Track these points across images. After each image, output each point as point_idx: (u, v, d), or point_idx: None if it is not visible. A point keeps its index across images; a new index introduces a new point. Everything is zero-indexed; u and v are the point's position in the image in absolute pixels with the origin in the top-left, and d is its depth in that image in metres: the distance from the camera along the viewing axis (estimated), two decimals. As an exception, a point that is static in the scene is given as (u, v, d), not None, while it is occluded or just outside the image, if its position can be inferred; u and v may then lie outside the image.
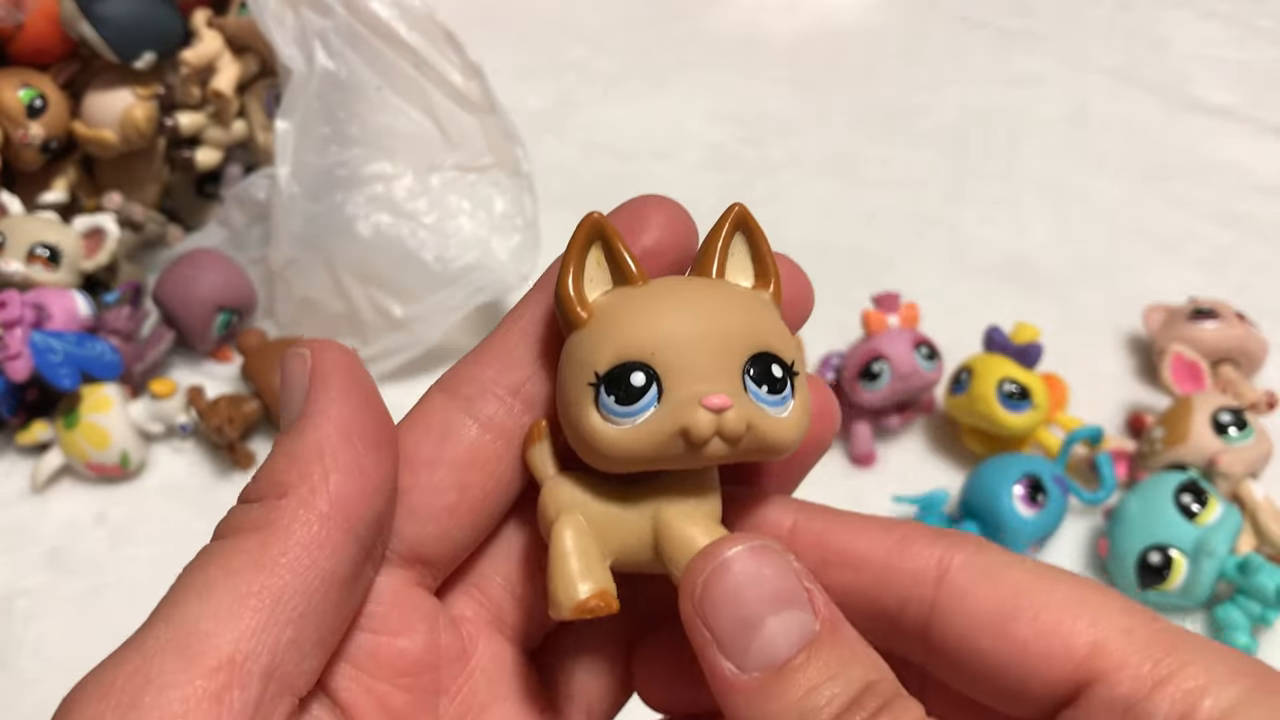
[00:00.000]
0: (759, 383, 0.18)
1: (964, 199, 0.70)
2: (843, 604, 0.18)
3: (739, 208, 0.20)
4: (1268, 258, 0.66)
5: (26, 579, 0.49)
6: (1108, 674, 0.17)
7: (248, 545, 0.17)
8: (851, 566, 0.19)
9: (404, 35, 0.54)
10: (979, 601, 0.18)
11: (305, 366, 0.18)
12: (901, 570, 0.18)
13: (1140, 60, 0.81)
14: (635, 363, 0.18)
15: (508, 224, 0.55)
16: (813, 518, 0.19)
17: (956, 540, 0.19)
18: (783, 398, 0.18)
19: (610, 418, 0.18)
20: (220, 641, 0.15)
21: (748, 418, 0.17)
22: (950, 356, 0.54)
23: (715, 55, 0.81)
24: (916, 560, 0.18)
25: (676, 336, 0.18)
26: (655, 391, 0.18)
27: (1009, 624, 0.18)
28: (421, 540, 0.19)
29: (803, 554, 0.18)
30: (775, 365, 0.18)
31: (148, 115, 0.56)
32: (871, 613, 0.19)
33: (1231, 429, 0.49)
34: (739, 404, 0.17)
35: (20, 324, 0.49)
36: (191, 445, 0.54)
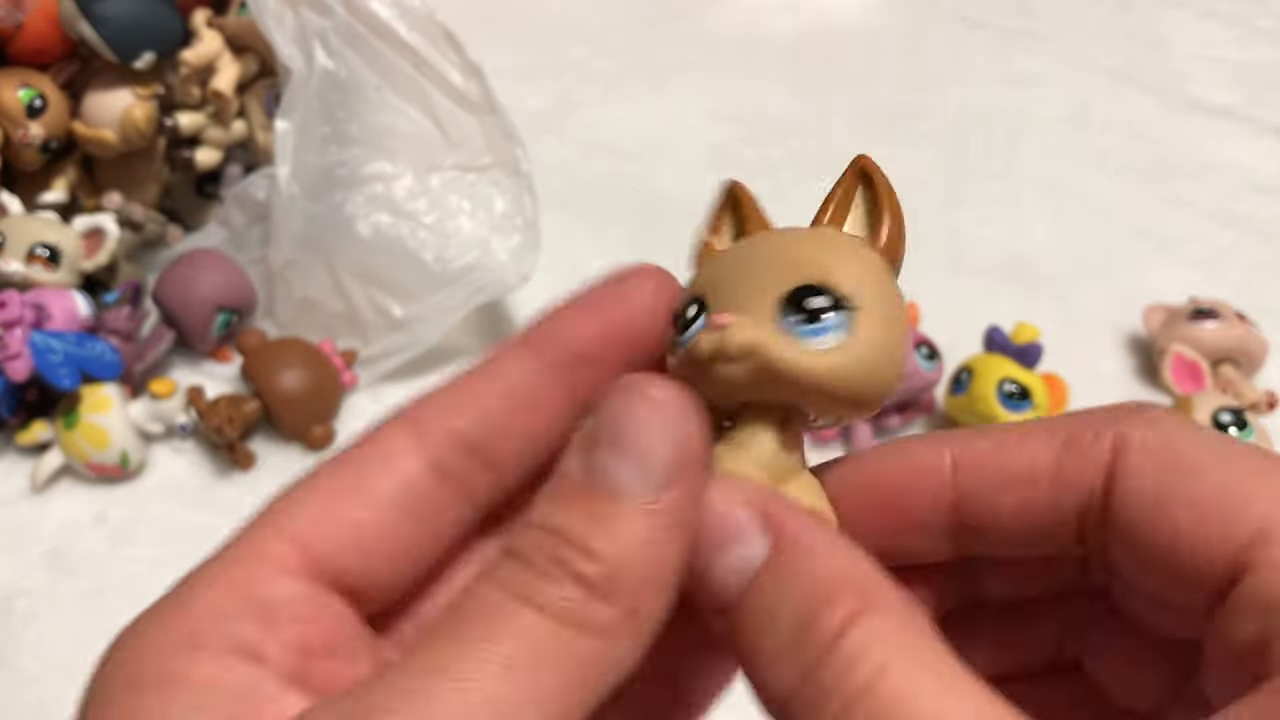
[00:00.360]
0: (793, 311, 0.17)
1: (964, 199, 0.70)
2: (1024, 522, 0.17)
3: (863, 159, 0.19)
4: (1268, 258, 0.66)
5: (26, 579, 0.49)
6: (1262, 565, 0.15)
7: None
8: (1022, 481, 0.17)
9: (404, 35, 0.54)
10: (1144, 484, 0.16)
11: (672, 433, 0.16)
12: (1076, 471, 0.17)
13: (1140, 60, 0.81)
14: (694, 296, 0.18)
15: (508, 224, 0.55)
16: (973, 444, 0.18)
17: (1129, 418, 0.17)
18: (820, 328, 0.17)
19: (672, 348, 0.18)
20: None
21: (755, 340, 0.17)
22: (950, 356, 0.54)
23: (715, 55, 0.81)
24: (1088, 456, 0.17)
25: (739, 272, 0.18)
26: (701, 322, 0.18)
27: (1168, 509, 0.16)
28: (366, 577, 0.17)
29: (972, 484, 0.17)
30: (820, 296, 0.17)
31: (147, 115, 0.56)
32: (1058, 520, 0.17)
33: (1232, 429, 0.49)
34: (746, 326, 0.17)
35: (20, 324, 0.49)
36: (191, 445, 0.54)
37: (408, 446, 0.18)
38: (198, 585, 0.16)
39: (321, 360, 0.54)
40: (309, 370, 0.53)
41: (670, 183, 0.70)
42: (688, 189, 0.73)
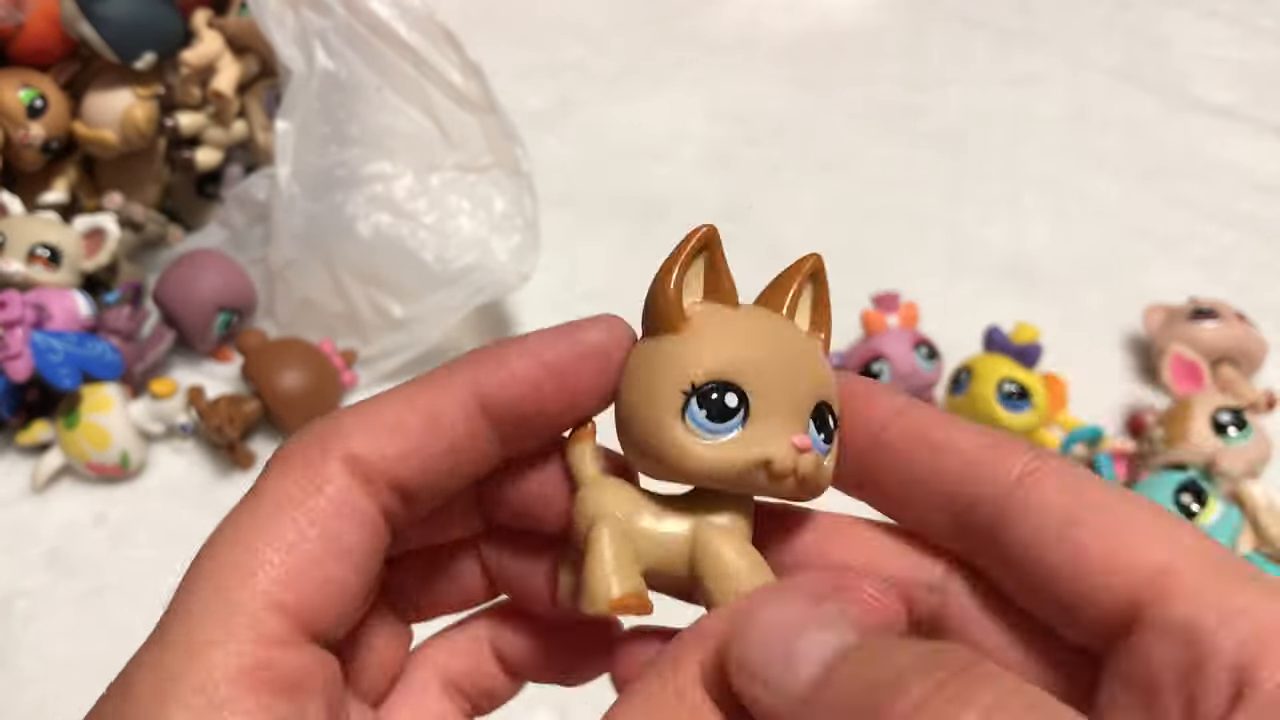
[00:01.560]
0: (819, 429, 0.19)
1: (964, 199, 0.70)
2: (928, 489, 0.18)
3: (815, 258, 0.20)
4: (1268, 258, 0.66)
5: (26, 579, 0.49)
6: (1174, 595, 0.16)
7: None
8: (943, 451, 0.19)
9: (404, 35, 0.54)
10: (1051, 507, 0.17)
11: None
12: (988, 465, 0.18)
13: (1141, 60, 0.81)
14: (731, 383, 0.18)
15: (507, 224, 0.55)
16: (919, 409, 0.19)
17: (1050, 455, 0.18)
18: (829, 445, 0.19)
19: (696, 432, 0.18)
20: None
21: (823, 469, 0.19)
22: (950, 356, 0.54)
23: (715, 55, 0.81)
24: (1005, 460, 0.18)
25: (770, 368, 0.18)
26: (743, 415, 0.18)
27: (1077, 531, 0.17)
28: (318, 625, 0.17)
29: (900, 440, 0.19)
30: (830, 416, 0.19)
31: (148, 115, 0.56)
32: (950, 503, 0.19)
33: (1231, 429, 0.49)
34: (814, 458, 0.18)
35: (21, 324, 0.49)
36: (192, 445, 0.54)
37: (360, 494, 0.18)
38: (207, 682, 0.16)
39: (321, 360, 0.54)
40: (309, 370, 0.53)
41: (670, 183, 0.70)
42: (688, 189, 0.73)
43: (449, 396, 0.18)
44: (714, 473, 0.18)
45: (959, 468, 0.19)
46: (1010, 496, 0.18)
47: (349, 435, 0.18)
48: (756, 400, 0.18)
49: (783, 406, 0.18)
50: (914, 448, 0.19)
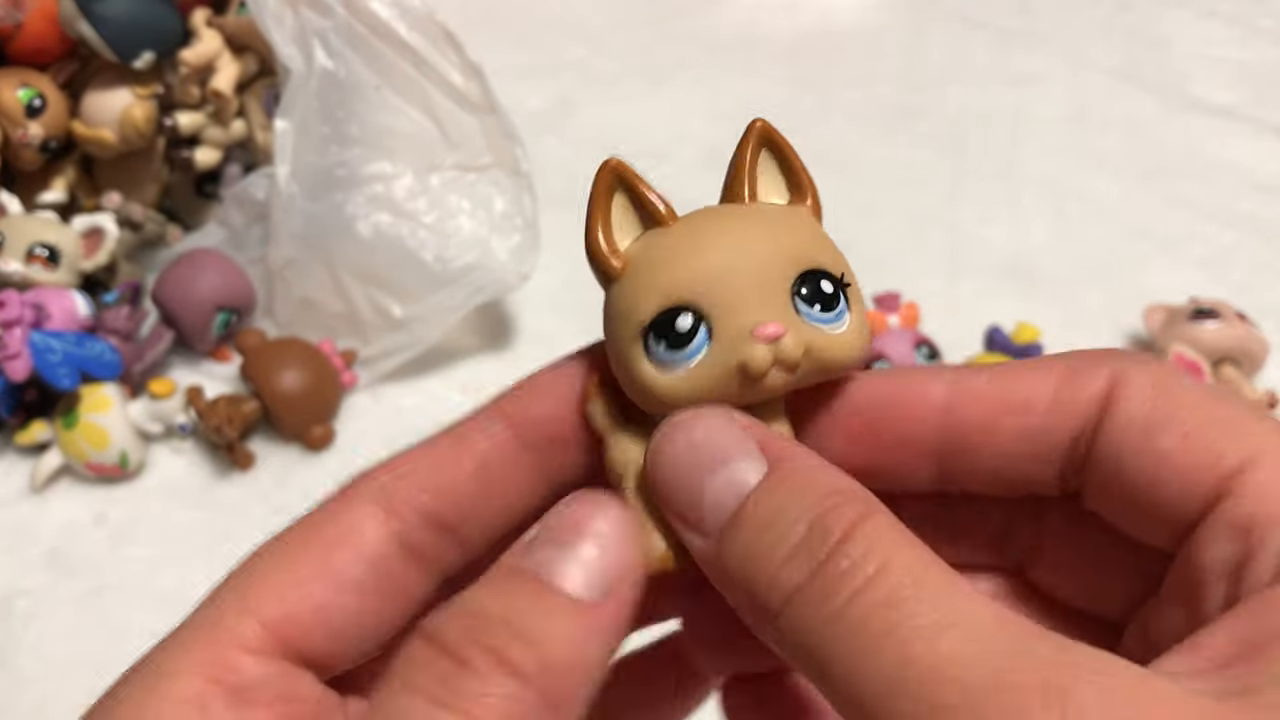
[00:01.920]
0: (811, 302, 0.17)
1: (964, 199, 0.70)
2: (1018, 450, 0.17)
3: (760, 123, 0.19)
4: (1268, 257, 0.66)
5: (26, 579, 0.49)
6: (1241, 492, 0.15)
7: None
8: (1019, 410, 0.18)
9: (404, 35, 0.54)
10: (1133, 413, 0.17)
11: None
12: (1072, 400, 0.17)
13: (1141, 60, 0.81)
14: (679, 306, 0.17)
15: (507, 224, 0.55)
16: (971, 375, 0.18)
17: (1127, 358, 0.17)
18: (837, 313, 0.18)
19: (663, 365, 0.17)
20: None
21: (805, 341, 0.17)
22: (950, 356, 0.54)
23: (715, 55, 0.81)
24: (1086, 386, 0.17)
25: (717, 270, 0.17)
26: (705, 332, 0.17)
27: (1157, 435, 0.16)
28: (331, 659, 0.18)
29: (967, 411, 0.18)
30: (825, 281, 0.17)
31: (147, 115, 0.56)
32: (1048, 451, 0.18)
33: (1232, 429, 0.49)
34: (793, 329, 0.17)
35: (19, 324, 0.49)
36: (191, 445, 0.54)
37: (376, 522, 0.18)
38: (167, 670, 0.16)
39: (321, 360, 0.54)
40: (308, 370, 0.53)
41: (670, 183, 0.69)
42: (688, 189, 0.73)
43: (481, 424, 0.18)
44: (694, 396, 0.17)
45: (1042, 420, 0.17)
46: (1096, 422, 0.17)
47: (383, 467, 0.18)
48: (713, 309, 0.17)
49: (750, 303, 0.17)
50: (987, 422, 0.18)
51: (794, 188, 0.19)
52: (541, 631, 0.15)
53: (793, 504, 0.15)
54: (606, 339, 0.18)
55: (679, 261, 0.18)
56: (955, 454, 0.18)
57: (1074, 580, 0.19)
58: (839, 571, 0.14)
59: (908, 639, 0.14)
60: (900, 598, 0.14)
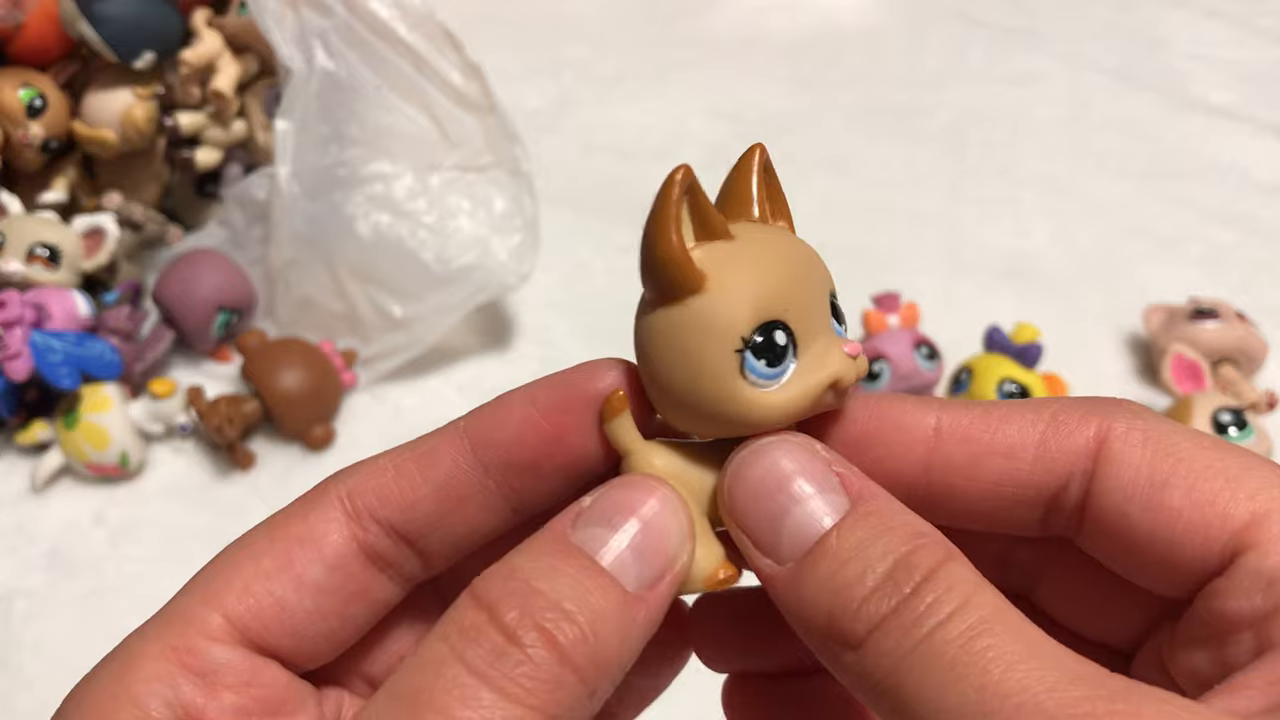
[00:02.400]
0: (840, 320, 0.19)
1: (964, 198, 0.70)
2: (1000, 493, 0.18)
3: (761, 149, 0.19)
4: (1268, 257, 0.66)
5: (26, 579, 0.49)
6: (1263, 544, 0.16)
7: None
8: (1004, 454, 0.18)
9: (404, 35, 0.54)
10: (1134, 469, 0.17)
11: None
12: (1059, 450, 0.17)
13: (1140, 60, 0.81)
14: (774, 322, 0.17)
15: (507, 224, 0.55)
16: (959, 413, 0.18)
17: (1114, 408, 0.17)
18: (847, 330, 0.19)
19: (760, 383, 0.17)
20: None
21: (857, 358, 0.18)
22: (950, 356, 0.54)
23: (715, 55, 0.81)
24: (1073, 437, 0.17)
25: (792, 288, 0.18)
26: (793, 348, 0.18)
27: (1162, 492, 0.16)
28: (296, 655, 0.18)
29: (952, 450, 0.18)
30: (836, 303, 0.19)
31: (148, 115, 0.56)
32: (1031, 497, 0.18)
33: (1232, 429, 0.49)
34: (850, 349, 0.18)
35: (20, 324, 0.49)
36: (191, 445, 0.54)
37: (339, 526, 0.18)
38: (137, 653, 0.17)
39: (321, 360, 0.54)
40: (309, 370, 0.53)
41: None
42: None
43: (445, 443, 0.19)
44: (792, 413, 0.18)
45: (1028, 465, 0.18)
46: (1093, 471, 0.17)
47: (350, 474, 0.19)
48: (796, 326, 0.18)
49: (816, 320, 0.18)
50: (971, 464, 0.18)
51: (781, 212, 0.20)
52: (595, 621, 0.15)
53: (878, 541, 0.16)
54: (677, 362, 0.18)
55: (762, 277, 0.18)
56: (937, 489, 0.18)
57: (1074, 608, 0.20)
58: (923, 606, 0.15)
59: (989, 668, 0.14)
60: (981, 631, 0.15)
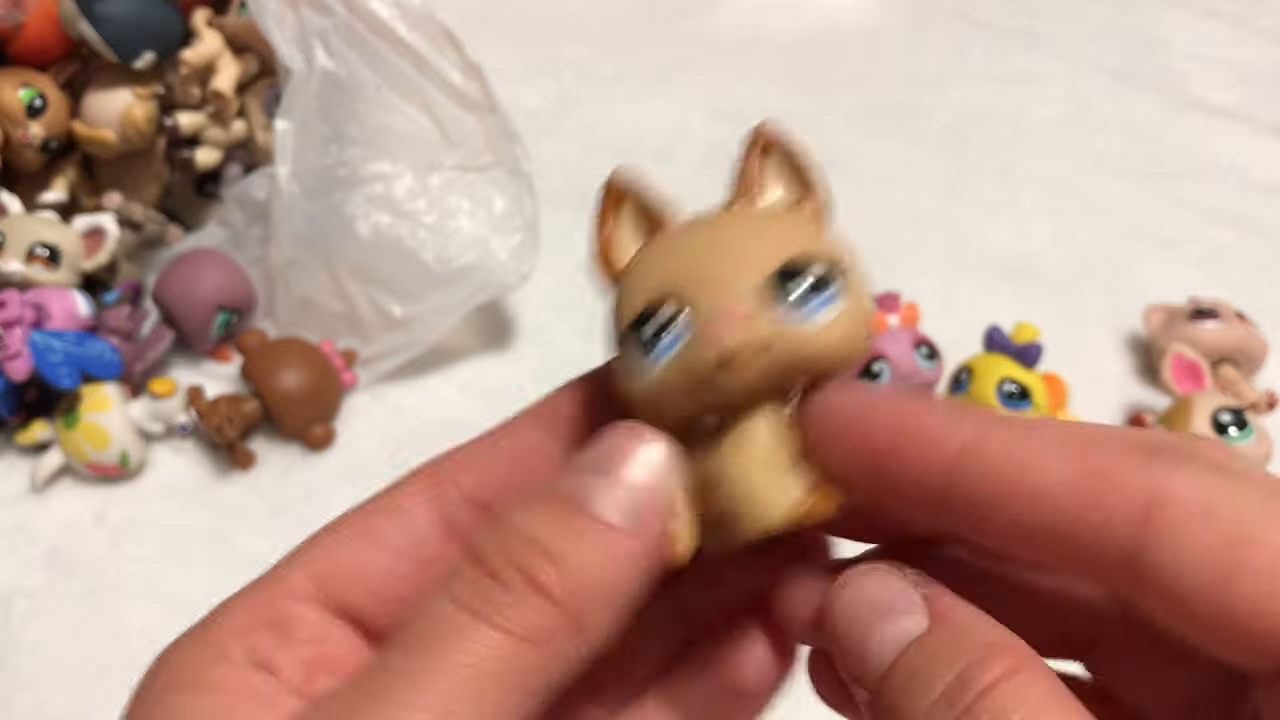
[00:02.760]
0: (789, 293, 0.17)
1: (964, 198, 0.70)
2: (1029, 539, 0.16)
3: (763, 126, 0.19)
4: (1268, 257, 0.66)
5: (26, 579, 0.49)
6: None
7: (508, 658, 0.16)
8: (1034, 504, 0.16)
9: (404, 35, 0.54)
10: (1195, 553, 0.15)
11: None
12: (1103, 506, 0.15)
13: (1140, 60, 0.81)
14: (656, 302, 0.17)
15: (507, 224, 0.55)
16: (990, 435, 0.16)
17: (1170, 461, 0.15)
18: (823, 300, 0.17)
19: (646, 359, 0.17)
20: None
21: (778, 329, 0.17)
22: (950, 356, 0.54)
23: (715, 55, 0.81)
24: (1120, 494, 0.15)
25: (693, 266, 0.17)
26: (683, 323, 0.17)
27: (1229, 586, 0.14)
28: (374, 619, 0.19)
29: (974, 486, 0.16)
30: (809, 271, 0.17)
31: (147, 115, 0.56)
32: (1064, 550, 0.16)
33: (1232, 429, 0.49)
34: (765, 314, 0.17)
35: (20, 323, 0.49)
36: (191, 445, 0.54)
37: (422, 501, 0.19)
38: (226, 608, 0.18)
39: (321, 360, 0.54)
40: (309, 370, 0.53)
41: (670, 182, 0.69)
42: (687, 189, 0.73)
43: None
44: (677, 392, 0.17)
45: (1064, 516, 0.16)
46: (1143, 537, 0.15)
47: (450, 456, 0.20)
48: (689, 303, 0.17)
49: (722, 291, 0.17)
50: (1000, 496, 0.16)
51: (801, 188, 0.19)
52: (570, 554, 0.16)
53: (945, 653, 0.16)
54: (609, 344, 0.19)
55: (659, 261, 0.18)
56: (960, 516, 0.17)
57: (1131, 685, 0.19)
58: None
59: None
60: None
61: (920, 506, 0.17)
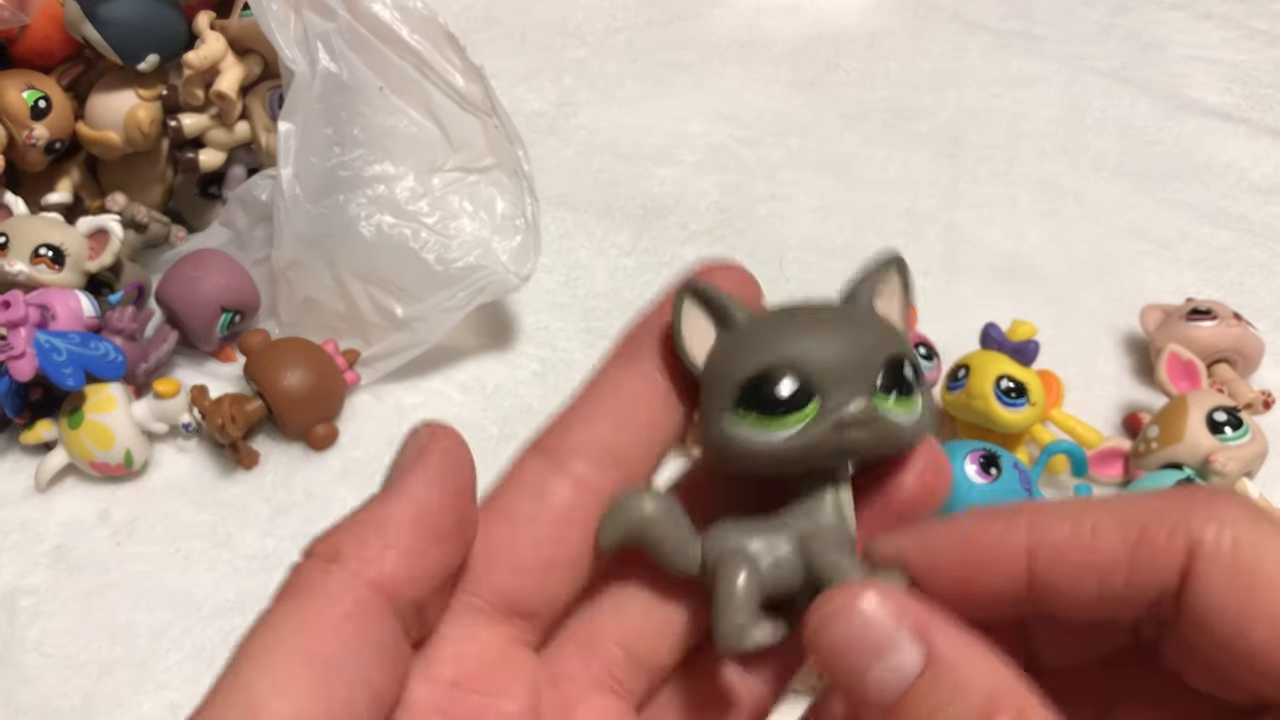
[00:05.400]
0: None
1: (961, 200, 0.70)
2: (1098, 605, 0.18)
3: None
4: (1264, 258, 0.66)
5: (30, 577, 0.49)
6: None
7: (296, 609, 0.17)
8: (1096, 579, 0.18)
9: (406, 37, 0.54)
10: (1217, 595, 0.16)
11: (417, 445, 0.19)
12: (1148, 570, 0.17)
13: (1137, 61, 0.82)
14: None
15: (509, 225, 0.56)
16: (1049, 528, 0.18)
17: (1205, 513, 0.17)
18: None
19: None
20: (279, 707, 0.16)
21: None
22: (947, 356, 0.54)
23: (715, 57, 0.82)
24: (1160, 558, 0.17)
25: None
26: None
27: (1245, 625, 0.16)
28: (521, 594, 0.19)
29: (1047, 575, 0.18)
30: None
31: (151, 117, 0.56)
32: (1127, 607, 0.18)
33: (1227, 428, 0.49)
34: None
35: (25, 324, 0.49)
36: (195, 444, 0.54)
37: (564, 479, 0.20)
38: None
39: (324, 360, 0.54)
40: (312, 370, 0.53)
41: (670, 184, 0.70)
42: (688, 190, 0.74)
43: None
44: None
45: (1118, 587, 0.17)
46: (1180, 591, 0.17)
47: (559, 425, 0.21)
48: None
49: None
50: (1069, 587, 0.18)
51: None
52: None
53: (950, 704, 0.16)
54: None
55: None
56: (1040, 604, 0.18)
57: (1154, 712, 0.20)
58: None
59: None
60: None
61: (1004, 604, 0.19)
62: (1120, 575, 0.17)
